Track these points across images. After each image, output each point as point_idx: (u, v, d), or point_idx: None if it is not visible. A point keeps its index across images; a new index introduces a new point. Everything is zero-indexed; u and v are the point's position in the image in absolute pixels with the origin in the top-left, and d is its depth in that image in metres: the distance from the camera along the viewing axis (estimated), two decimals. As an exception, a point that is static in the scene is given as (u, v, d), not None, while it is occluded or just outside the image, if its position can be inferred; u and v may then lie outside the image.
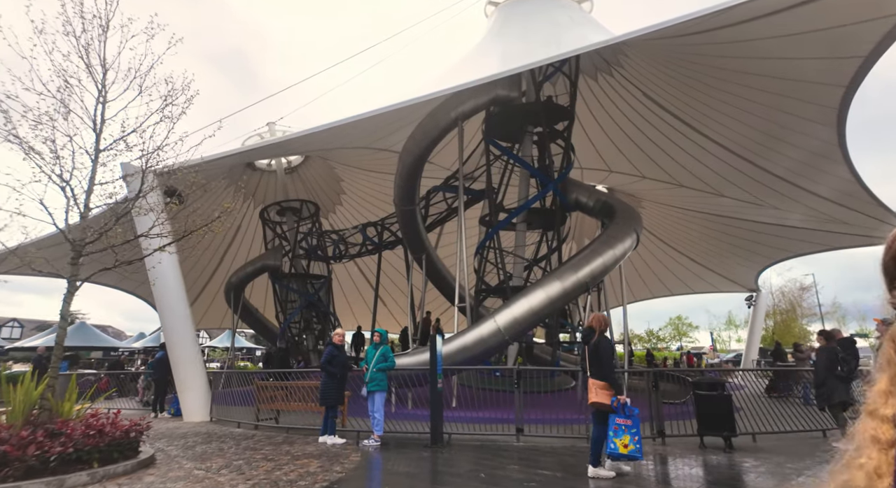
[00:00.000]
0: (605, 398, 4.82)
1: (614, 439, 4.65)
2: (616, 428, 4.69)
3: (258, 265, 18.28)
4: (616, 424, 4.70)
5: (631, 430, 4.68)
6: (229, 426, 8.32)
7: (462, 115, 11.53)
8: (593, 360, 5.02)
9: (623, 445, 4.62)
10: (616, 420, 4.71)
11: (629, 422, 4.70)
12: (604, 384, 4.89)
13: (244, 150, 10.01)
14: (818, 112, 8.95)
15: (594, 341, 5.07)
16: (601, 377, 4.93)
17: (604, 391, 4.86)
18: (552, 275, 9.44)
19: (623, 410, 4.73)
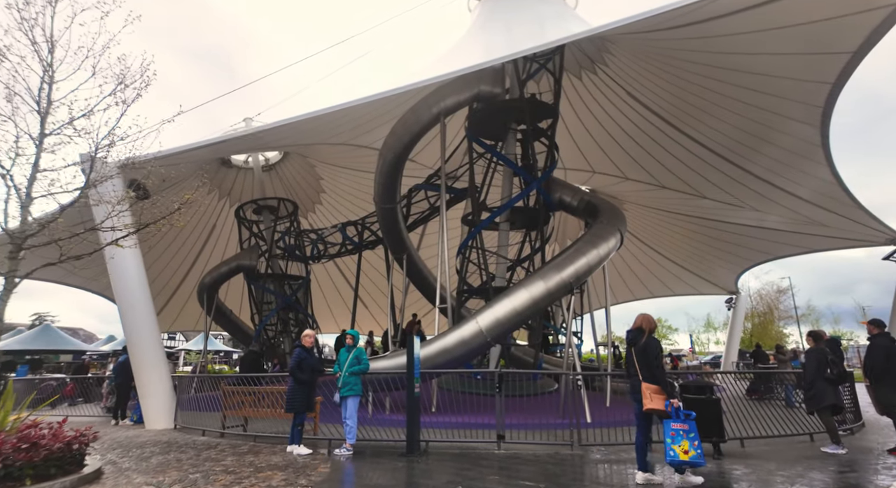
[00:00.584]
0: (660, 403, 4.62)
1: (673, 446, 4.44)
2: (673, 433, 4.47)
3: (232, 265, 17.66)
4: (672, 430, 4.48)
5: (689, 435, 4.46)
6: (194, 434, 7.81)
7: (444, 110, 11.21)
8: (643, 363, 4.79)
9: (683, 451, 4.41)
10: (672, 425, 4.50)
11: (686, 427, 4.49)
12: (657, 388, 4.68)
13: (213, 142, 9.51)
14: (803, 111, 8.87)
15: (643, 342, 4.85)
16: (654, 380, 4.71)
17: (658, 395, 4.66)
18: (535, 275, 9.16)
19: (678, 414, 4.52)
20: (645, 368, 4.77)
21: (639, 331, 4.99)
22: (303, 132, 12.40)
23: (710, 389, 6.20)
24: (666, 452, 4.47)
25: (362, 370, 6.07)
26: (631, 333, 5.07)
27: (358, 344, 6.33)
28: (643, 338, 4.88)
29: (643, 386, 4.72)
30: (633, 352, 4.92)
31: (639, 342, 4.89)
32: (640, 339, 4.90)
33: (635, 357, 4.87)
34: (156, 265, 20.80)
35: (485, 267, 11.74)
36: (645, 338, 4.87)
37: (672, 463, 4.48)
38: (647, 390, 4.69)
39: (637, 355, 4.85)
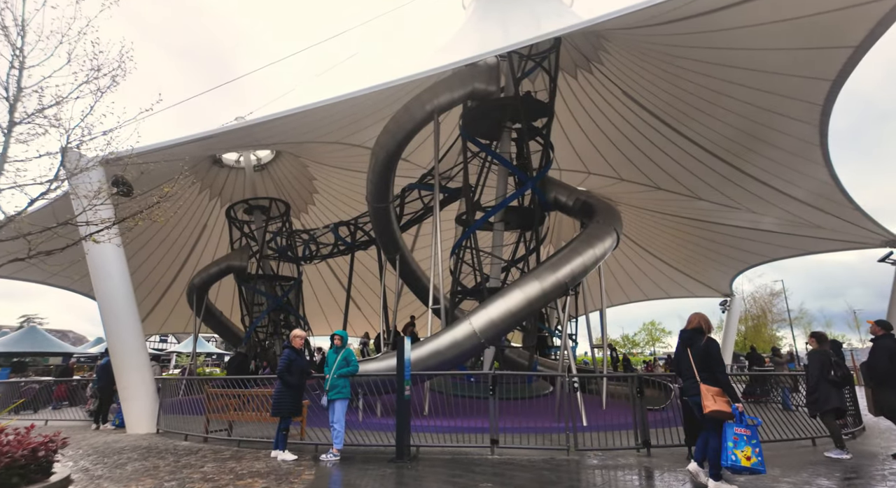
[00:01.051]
0: (724, 406, 4.44)
1: (734, 450, 4.26)
2: (735, 438, 4.30)
3: (223, 266, 17.34)
4: (735, 434, 4.31)
5: (751, 441, 4.29)
6: (176, 439, 7.51)
7: (438, 107, 11.01)
8: (703, 365, 4.63)
9: (745, 457, 4.23)
10: (735, 429, 4.33)
11: (748, 432, 4.32)
12: (719, 390, 4.52)
13: (201, 137, 9.22)
14: (801, 109, 8.74)
15: (704, 343, 4.69)
16: (716, 382, 4.55)
17: (722, 398, 4.48)
18: (530, 275, 8.95)
19: (741, 419, 4.37)
20: (705, 370, 4.63)
21: (696, 331, 4.86)
22: (294, 128, 12.16)
23: (710, 392, 5.98)
24: (725, 456, 4.31)
25: (351, 372, 5.82)
26: (686, 333, 4.92)
27: (346, 344, 6.07)
28: (703, 339, 4.75)
29: (703, 389, 4.57)
30: (690, 353, 4.78)
31: (697, 342, 4.76)
32: (698, 340, 4.77)
33: (692, 358, 4.73)
34: (145, 265, 20.45)
35: (479, 267, 11.53)
36: (705, 339, 4.74)
37: (733, 468, 4.32)
38: (707, 392, 4.53)
39: (696, 356, 4.71)
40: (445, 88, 11.01)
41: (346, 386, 5.80)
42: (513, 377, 8.82)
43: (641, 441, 6.18)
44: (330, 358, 5.96)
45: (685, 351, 4.85)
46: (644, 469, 5.46)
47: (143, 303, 22.52)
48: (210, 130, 9.10)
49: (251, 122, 9.08)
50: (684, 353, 4.86)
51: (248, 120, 9.02)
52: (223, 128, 9.06)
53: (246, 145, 13.59)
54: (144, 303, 22.51)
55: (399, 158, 11.86)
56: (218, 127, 9.00)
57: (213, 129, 9.05)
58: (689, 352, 4.80)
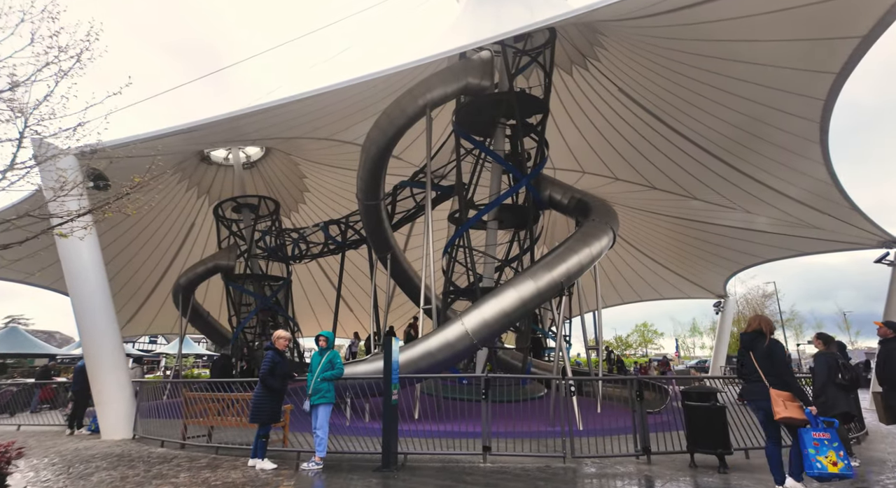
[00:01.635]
0: (797, 411, 4.27)
1: (818, 457, 4.05)
2: (816, 444, 4.10)
3: (210, 265, 16.90)
4: (815, 440, 4.12)
5: (833, 444, 4.08)
6: (152, 445, 7.12)
7: (431, 102, 10.71)
8: (768, 368, 4.46)
9: (832, 463, 4.01)
10: (813, 434, 4.14)
11: (828, 436, 4.12)
12: (789, 395, 4.34)
13: (182, 129, 8.82)
14: (802, 104, 8.54)
15: (767, 346, 4.53)
16: (784, 386, 4.38)
17: (793, 403, 4.31)
18: (525, 274, 8.67)
19: (817, 423, 4.18)
20: (772, 374, 4.46)
21: (757, 333, 4.69)
22: (282, 122, 11.82)
23: (713, 396, 5.73)
24: (809, 464, 4.09)
25: (335, 375, 5.48)
26: (747, 336, 4.76)
27: (332, 346, 5.73)
28: (765, 342, 4.58)
29: (773, 394, 4.38)
30: (754, 357, 4.62)
31: (759, 345, 4.60)
32: (759, 343, 4.61)
33: (757, 361, 4.57)
34: (130, 265, 19.95)
35: (472, 267, 11.23)
36: (768, 342, 4.58)
37: (821, 476, 4.09)
38: (778, 397, 4.35)
39: (760, 359, 4.55)
40: (438, 82, 10.72)
41: (331, 390, 5.46)
42: (506, 379, 8.52)
43: (641, 447, 5.90)
44: (314, 360, 5.63)
45: (748, 354, 4.70)
46: (645, 478, 5.17)
47: (129, 303, 22.03)
48: (192, 122, 8.72)
49: (235, 114, 8.73)
50: (747, 356, 4.71)
51: (230, 113, 8.63)
52: (205, 120, 8.69)
53: (232, 140, 13.19)
54: (130, 303, 22.01)
55: (390, 154, 11.54)
56: (200, 119, 8.62)
57: (194, 121, 8.67)
58: (752, 356, 4.65)
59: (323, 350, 5.65)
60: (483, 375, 6.00)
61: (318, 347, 5.71)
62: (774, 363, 4.49)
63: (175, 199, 18.92)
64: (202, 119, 8.72)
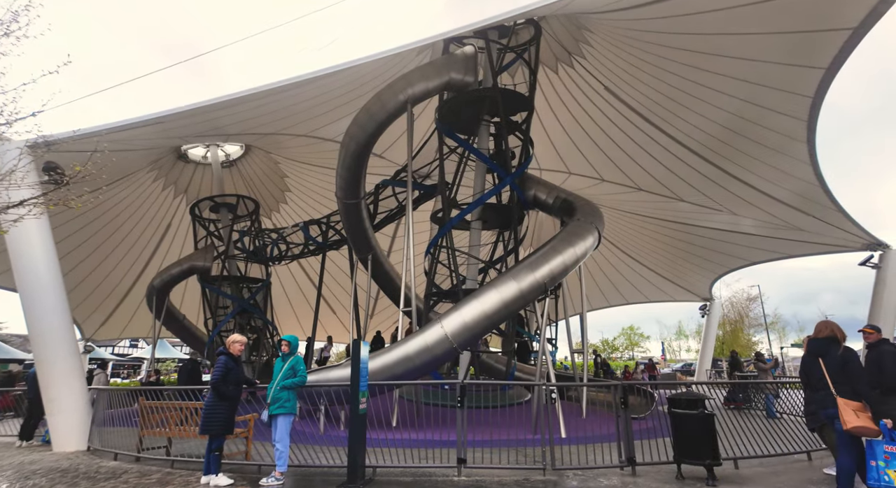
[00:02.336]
0: (868, 422, 4.06)
1: (888, 470, 3.88)
2: (887, 457, 3.92)
3: (185, 266, 16.32)
4: (886, 452, 3.94)
5: None
6: (106, 458, 6.62)
7: (412, 97, 10.35)
8: (840, 377, 4.27)
9: None
10: (885, 447, 3.96)
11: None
12: (860, 405, 4.15)
13: (145, 121, 8.34)
14: (789, 102, 8.36)
15: (841, 354, 4.34)
16: (856, 396, 4.19)
17: (865, 413, 4.12)
18: (507, 275, 8.34)
19: (892, 436, 3.99)
20: (841, 382, 4.27)
21: (830, 339, 4.50)
22: (260, 115, 11.40)
23: (702, 403, 5.43)
24: (875, 477, 3.92)
25: (297, 383, 5.07)
26: (817, 342, 4.56)
27: (297, 351, 5.32)
28: (839, 349, 4.40)
29: (841, 403, 4.18)
30: (823, 364, 4.43)
31: (832, 352, 4.40)
32: (833, 349, 4.42)
33: (826, 369, 4.38)
34: (103, 266, 19.26)
35: (454, 268, 10.87)
36: (842, 349, 4.40)
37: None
38: (847, 407, 4.15)
39: (831, 367, 4.37)
40: (420, 77, 10.38)
41: (292, 399, 5.05)
42: (485, 385, 8.15)
43: (626, 457, 5.57)
44: (276, 366, 5.22)
45: (815, 361, 4.51)
46: (630, 491, 4.85)
47: (102, 306, 21.28)
48: (159, 112, 8.24)
49: (205, 104, 8.27)
50: (814, 364, 4.52)
51: (199, 103, 8.18)
52: (173, 110, 8.22)
53: (206, 134, 12.64)
54: (103, 306, 21.26)
55: (370, 151, 11.15)
56: (168, 109, 8.15)
57: (162, 111, 8.19)
58: (820, 363, 4.46)
59: (286, 355, 5.23)
60: (459, 381, 5.63)
61: (281, 352, 5.30)
62: (849, 371, 4.31)
63: (150, 198, 18.31)
64: (170, 109, 8.25)
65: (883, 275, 12.72)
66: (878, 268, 12.90)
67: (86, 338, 21.36)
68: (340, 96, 12.00)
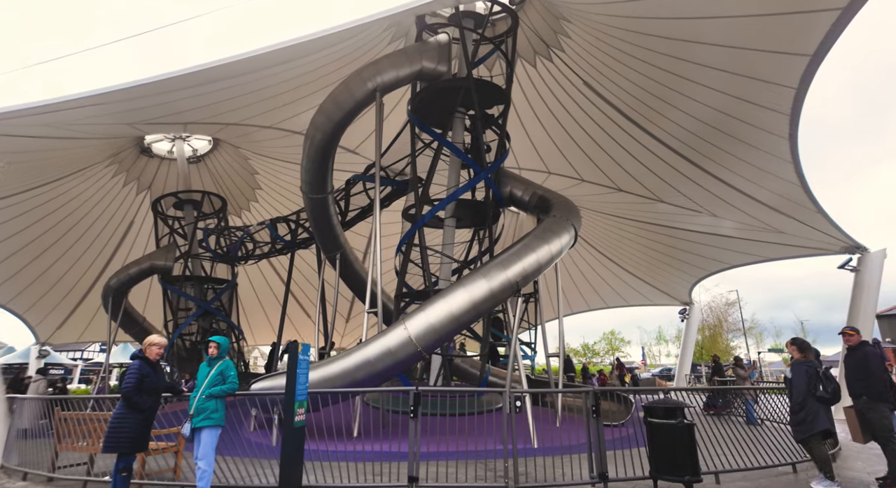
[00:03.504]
0: None
1: None
2: None
3: (144, 266, 15.42)
4: None
5: None
6: (14, 478, 5.84)
7: (381, 86, 9.79)
8: None
9: None
10: None
11: None
12: None
13: (72, 101, 7.52)
14: (772, 95, 8.02)
15: None
16: None
17: None
18: (477, 274, 7.79)
19: None
20: None
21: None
22: (223, 101, 10.69)
23: (680, 411, 4.93)
24: None
25: (227, 391, 4.41)
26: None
27: (225, 354, 4.67)
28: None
29: None
30: None
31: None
32: None
33: None
34: (58, 265, 18.19)
35: (426, 267, 10.29)
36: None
37: None
38: None
39: None
40: (389, 65, 9.83)
41: (219, 409, 4.39)
42: (443, 393, 7.53)
43: (597, 473, 5.05)
44: (201, 372, 4.56)
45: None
46: (600, 512, 4.31)
47: (60, 306, 20.11)
48: (100, 89, 7.43)
49: (158, 79, 7.50)
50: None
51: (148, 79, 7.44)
52: (118, 86, 7.44)
53: (163, 120, 11.73)
54: (61, 307, 20.10)
55: (338, 142, 10.54)
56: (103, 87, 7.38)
57: (101, 88, 7.39)
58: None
59: (213, 359, 4.58)
60: (412, 389, 5.04)
61: (207, 356, 4.64)
62: None
63: (111, 194, 17.37)
64: (113, 86, 7.49)
65: (861, 279, 12.56)
66: (857, 272, 12.73)
67: (40, 342, 20.18)
68: (309, 84, 11.39)
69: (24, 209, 15.21)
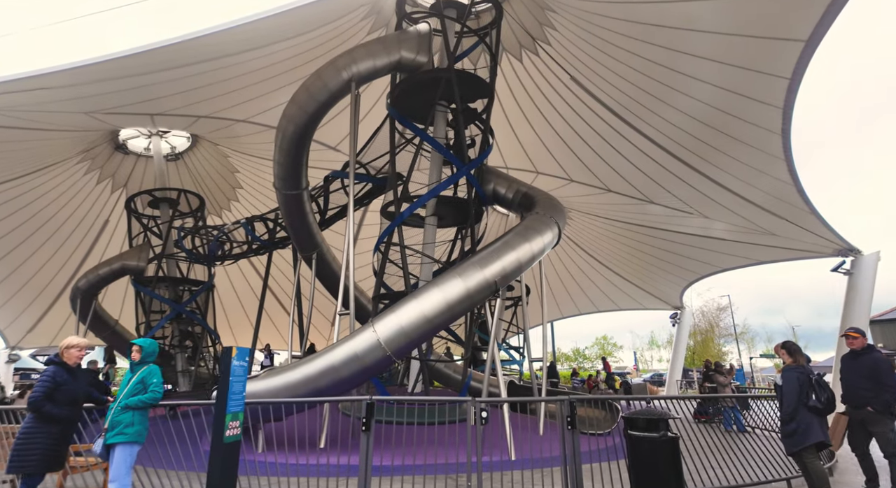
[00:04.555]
0: None
1: None
2: None
3: (115, 266, 14.75)
4: None
5: None
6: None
7: (356, 76, 9.32)
8: None
9: None
10: None
11: None
12: None
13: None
14: (765, 86, 7.64)
15: None
16: None
17: None
18: (452, 272, 7.30)
19: None
20: None
21: None
22: (191, 90, 10.18)
23: (664, 423, 4.45)
24: None
25: (145, 402, 3.85)
26: None
27: (151, 359, 4.11)
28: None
29: None
30: None
31: None
32: None
33: None
34: (28, 265, 17.50)
35: (405, 267, 9.79)
36: None
37: None
38: None
39: None
40: (366, 54, 9.36)
41: (139, 423, 3.83)
42: (401, 402, 7.00)
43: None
44: (124, 380, 4.02)
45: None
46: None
47: (30, 308, 19.36)
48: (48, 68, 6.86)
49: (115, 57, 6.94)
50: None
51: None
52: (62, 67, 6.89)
53: (120, 109, 11.15)
54: (31, 309, 19.35)
55: (312, 135, 10.03)
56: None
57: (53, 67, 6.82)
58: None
59: (135, 365, 4.03)
60: (366, 399, 4.52)
61: (130, 361, 4.10)
62: None
63: (83, 192, 16.75)
64: (57, 66, 6.94)
65: (854, 282, 12.23)
66: (850, 274, 12.39)
67: (10, 346, 19.41)
68: (284, 73, 10.92)
69: (-12, 204, 14.58)
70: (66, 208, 16.74)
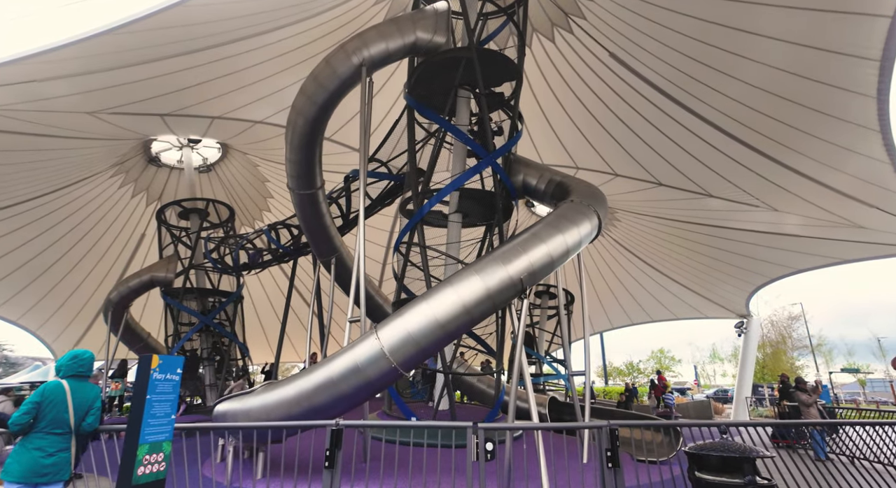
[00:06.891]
0: None
1: None
2: None
3: (145, 278, 14.63)
4: None
5: None
6: None
7: (368, 61, 8.46)
8: None
9: None
10: None
11: None
12: None
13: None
14: (857, 31, 6.11)
15: None
16: None
17: None
18: (469, 269, 6.17)
19: None
20: None
21: None
22: (195, 83, 9.74)
23: (749, 465, 3.11)
24: None
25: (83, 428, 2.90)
26: None
27: (90, 372, 3.20)
28: None
29: None
30: None
31: None
32: None
33: None
34: (69, 280, 17.88)
35: (426, 269, 8.76)
36: None
37: None
38: None
39: None
40: (378, 36, 8.52)
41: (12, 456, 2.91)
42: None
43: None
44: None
45: None
46: None
47: (74, 322, 19.82)
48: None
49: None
50: None
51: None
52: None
53: (119, 109, 10.89)
54: (76, 322, 19.81)
55: (324, 128, 9.25)
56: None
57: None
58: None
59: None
60: (333, 423, 3.46)
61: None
62: None
63: (119, 205, 16.95)
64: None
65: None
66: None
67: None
68: (298, 63, 10.32)
69: (29, 219, 14.90)
70: (102, 222, 16.99)
